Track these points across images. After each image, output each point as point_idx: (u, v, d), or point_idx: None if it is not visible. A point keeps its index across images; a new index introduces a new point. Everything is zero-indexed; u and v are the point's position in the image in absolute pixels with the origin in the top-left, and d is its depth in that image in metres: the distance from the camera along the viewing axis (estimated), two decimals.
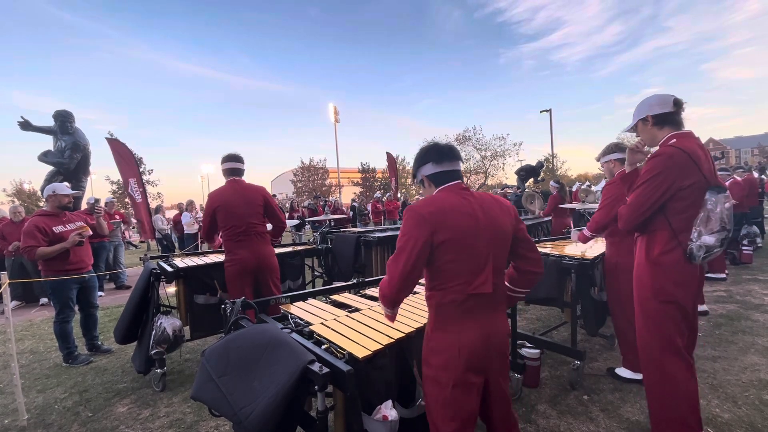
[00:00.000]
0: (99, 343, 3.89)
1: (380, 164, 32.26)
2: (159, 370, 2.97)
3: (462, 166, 1.62)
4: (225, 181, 3.16)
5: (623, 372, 2.81)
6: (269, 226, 3.33)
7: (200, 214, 11.17)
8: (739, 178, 6.39)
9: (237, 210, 3.03)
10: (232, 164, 3.13)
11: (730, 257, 6.20)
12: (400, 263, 1.34)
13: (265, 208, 3.17)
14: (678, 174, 1.79)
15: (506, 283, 1.57)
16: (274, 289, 3.18)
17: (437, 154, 1.47)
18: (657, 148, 1.95)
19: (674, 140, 1.87)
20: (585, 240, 3.11)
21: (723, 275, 5.33)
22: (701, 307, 4.11)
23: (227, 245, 3.09)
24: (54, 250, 3.43)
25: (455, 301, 1.37)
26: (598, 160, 3.08)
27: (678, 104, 1.89)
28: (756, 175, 12.39)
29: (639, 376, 2.67)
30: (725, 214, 1.77)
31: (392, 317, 1.55)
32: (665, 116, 1.90)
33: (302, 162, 32.53)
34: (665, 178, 1.81)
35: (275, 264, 3.24)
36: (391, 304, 1.46)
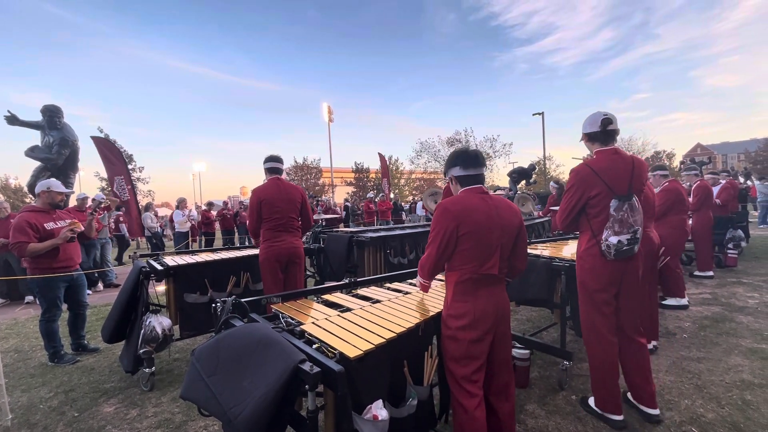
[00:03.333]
0: (85, 342, 3.83)
1: (374, 164, 32.25)
2: (147, 370, 2.94)
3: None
4: (266, 178, 3.52)
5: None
6: None
7: (194, 212, 11.08)
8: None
9: (280, 205, 3.38)
10: (274, 164, 3.49)
11: (715, 260, 6.32)
12: (435, 245, 1.75)
13: (301, 206, 3.52)
14: (585, 186, 2.16)
15: None
16: (299, 281, 3.54)
17: (465, 160, 1.82)
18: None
19: (595, 156, 2.23)
20: None
21: (710, 273, 5.54)
22: (681, 301, 4.34)
23: (266, 234, 3.39)
24: (45, 246, 3.36)
25: (470, 279, 1.74)
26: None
27: (605, 124, 2.17)
28: (742, 180, 12.67)
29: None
30: (631, 218, 2.09)
31: (427, 288, 1.94)
32: (594, 135, 2.23)
33: (295, 161, 32.41)
34: (576, 189, 2.20)
35: (302, 257, 3.60)
36: (429, 275, 1.86)
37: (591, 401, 2.44)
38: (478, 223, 1.69)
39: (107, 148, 6.89)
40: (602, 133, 2.19)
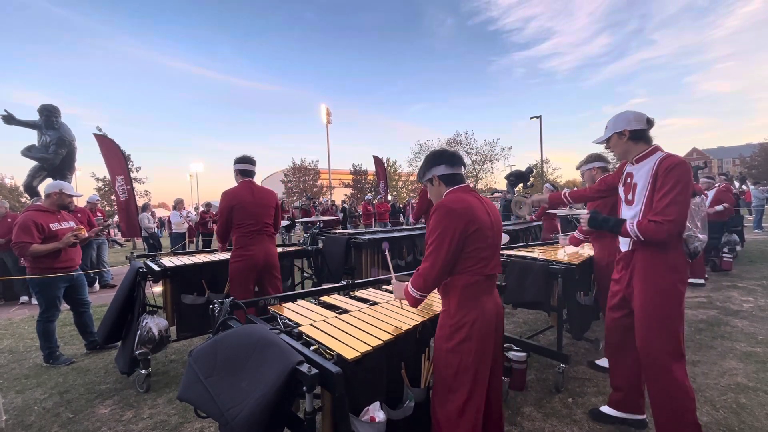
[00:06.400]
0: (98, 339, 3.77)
1: (372, 166, 32.30)
2: (143, 371, 2.92)
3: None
4: (237, 180, 3.28)
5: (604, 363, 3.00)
6: None
7: (192, 213, 11.04)
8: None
9: (253, 209, 3.16)
10: (247, 166, 3.27)
11: (710, 264, 6.36)
12: (442, 251, 1.57)
13: (275, 212, 3.34)
14: (691, 181, 1.92)
15: None
16: (276, 288, 3.33)
17: (450, 158, 1.76)
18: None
19: (662, 153, 1.99)
20: (577, 243, 3.26)
21: (702, 281, 5.48)
22: None
23: (239, 241, 3.17)
24: (48, 248, 3.36)
25: (477, 281, 1.63)
26: (578, 168, 3.20)
27: (651, 123, 2.07)
28: (737, 184, 12.78)
29: None
30: (704, 213, 2.00)
31: (419, 303, 1.73)
32: (641, 132, 2.06)
33: (293, 162, 32.39)
34: (688, 185, 1.90)
35: (278, 263, 3.40)
36: (431, 287, 1.66)
37: None
38: (482, 220, 1.63)
39: (109, 147, 6.87)
40: (648, 130, 2.08)
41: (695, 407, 1.97)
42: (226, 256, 3.74)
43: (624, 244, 2.16)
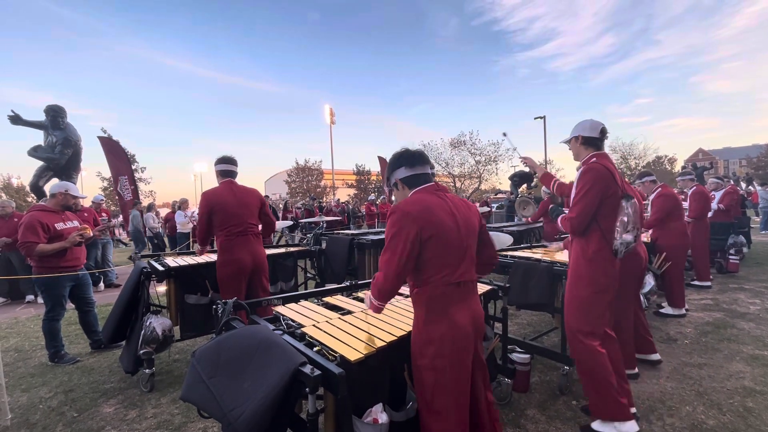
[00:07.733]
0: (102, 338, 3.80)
1: (375, 166, 32.30)
2: (147, 371, 2.93)
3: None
4: (218, 182, 3.20)
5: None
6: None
7: (196, 213, 11.07)
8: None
9: (235, 210, 3.06)
10: (228, 166, 3.19)
11: (717, 266, 6.30)
12: (394, 259, 1.47)
13: (260, 211, 3.26)
14: (605, 185, 2.16)
15: None
16: (265, 289, 3.23)
17: (409, 158, 1.65)
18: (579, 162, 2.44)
19: (594, 159, 2.28)
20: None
21: (708, 283, 5.43)
22: (680, 311, 4.27)
23: (224, 244, 3.05)
24: (54, 248, 3.38)
25: (444, 291, 1.52)
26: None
27: (603, 132, 2.33)
28: (744, 185, 12.65)
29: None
30: (636, 216, 2.23)
31: (381, 309, 1.64)
32: (592, 139, 2.33)
33: (297, 163, 32.49)
34: (599, 188, 2.16)
35: (267, 264, 3.32)
36: (387, 297, 1.57)
37: (596, 425, 2.25)
38: (443, 223, 1.50)
39: (113, 148, 6.94)
40: (600, 139, 2.34)
41: (610, 369, 2.18)
42: None
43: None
